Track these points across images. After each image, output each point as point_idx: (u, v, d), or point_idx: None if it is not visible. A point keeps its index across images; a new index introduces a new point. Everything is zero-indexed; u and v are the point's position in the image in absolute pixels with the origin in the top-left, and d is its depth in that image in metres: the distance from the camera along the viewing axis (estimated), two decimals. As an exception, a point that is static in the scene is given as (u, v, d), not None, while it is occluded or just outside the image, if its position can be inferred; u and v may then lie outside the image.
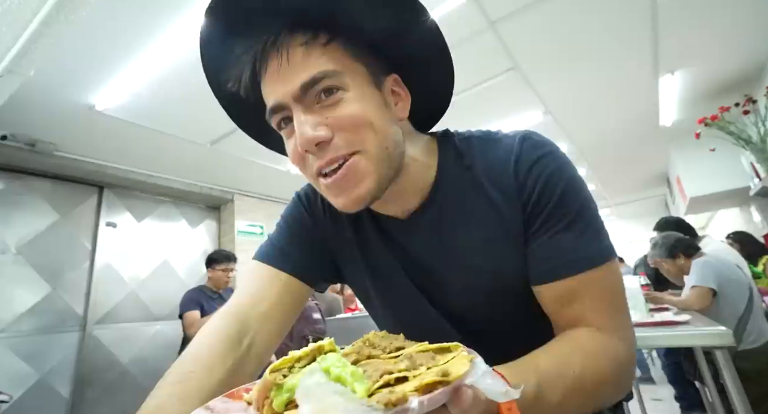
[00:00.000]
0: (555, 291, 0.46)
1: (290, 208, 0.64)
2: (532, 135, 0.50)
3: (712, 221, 5.78)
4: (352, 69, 0.44)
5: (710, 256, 2.17)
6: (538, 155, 0.48)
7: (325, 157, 0.43)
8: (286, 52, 0.42)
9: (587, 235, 0.46)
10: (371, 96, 0.45)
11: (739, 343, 1.84)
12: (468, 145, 0.53)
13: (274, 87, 0.44)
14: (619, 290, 0.47)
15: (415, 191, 0.52)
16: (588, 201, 0.47)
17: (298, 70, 0.42)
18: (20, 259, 2.74)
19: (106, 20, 1.73)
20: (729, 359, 1.30)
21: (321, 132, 0.42)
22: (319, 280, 0.60)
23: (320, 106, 0.43)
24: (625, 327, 0.46)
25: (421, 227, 0.53)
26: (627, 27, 2.27)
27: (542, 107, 3.09)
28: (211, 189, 3.82)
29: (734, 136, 2.76)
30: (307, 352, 0.29)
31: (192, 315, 2.58)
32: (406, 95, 0.50)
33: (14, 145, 2.57)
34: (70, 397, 2.77)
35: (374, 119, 0.44)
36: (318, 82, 0.42)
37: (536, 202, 0.47)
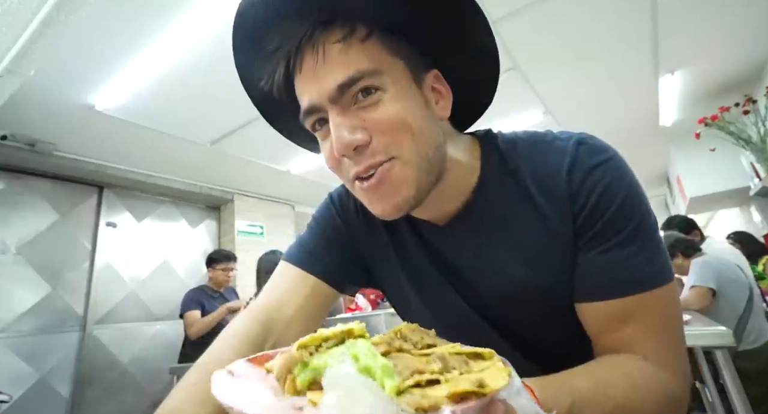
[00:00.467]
0: (601, 311, 0.42)
1: (322, 209, 0.61)
2: (588, 139, 0.46)
3: (712, 221, 5.78)
4: (391, 66, 0.41)
5: (709, 255, 2.18)
6: (596, 162, 0.44)
7: (363, 162, 0.40)
8: (322, 50, 0.40)
9: (644, 254, 0.41)
10: (411, 95, 0.42)
11: (739, 343, 1.84)
12: (513, 147, 0.49)
13: (308, 86, 0.41)
14: (674, 318, 0.43)
15: (454, 196, 0.49)
16: (648, 215, 0.43)
17: (334, 69, 0.39)
18: (20, 259, 2.74)
19: (106, 20, 1.73)
20: (729, 359, 1.30)
21: (358, 135, 0.39)
22: (348, 284, 0.58)
23: (357, 108, 0.40)
24: (679, 360, 0.42)
25: (458, 234, 0.50)
26: (627, 27, 2.27)
27: (542, 107, 3.09)
28: (211, 189, 3.82)
29: (734, 136, 2.76)
30: (336, 332, 0.28)
31: (192, 315, 2.59)
32: (448, 92, 0.47)
33: (14, 145, 2.57)
34: (70, 397, 2.77)
35: (414, 121, 0.41)
36: (356, 82, 0.39)
37: (590, 212, 0.43)
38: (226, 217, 4.06)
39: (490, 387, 0.21)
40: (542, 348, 0.49)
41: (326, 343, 0.27)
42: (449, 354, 0.26)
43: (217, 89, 2.25)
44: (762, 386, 1.73)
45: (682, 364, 0.42)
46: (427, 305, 0.55)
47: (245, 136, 2.86)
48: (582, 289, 0.44)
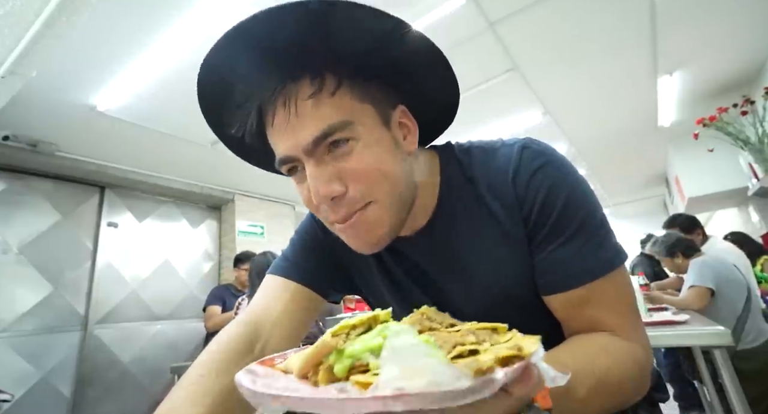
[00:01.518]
0: (563, 301, 0.46)
1: (304, 223, 0.64)
2: (530, 144, 0.49)
3: (711, 221, 5.80)
4: (361, 114, 0.43)
5: (708, 256, 2.19)
6: (537, 165, 0.47)
7: (340, 211, 0.43)
8: (294, 105, 0.41)
9: (594, 243, 0.45)
10: (381, 139, 0.44)
11: (738, 343, 1.85)
12: (469, 156, 0.52)
13: (282, 139, 0.43)
14: (630, 294, 0.47)
15: (421, 212, 0.52)
16: (593, 207, 0.47)
17: (307, 123, 0.41)
18: (22, 259, 2.74)
19: (108, 21, 1.74)
20: (728, 359, 1.31)
21: (335, 187, 0.41)
22: (330, 290, 0.60)
23: (332, 157, 0.42)
24: (640, 329, 0.46)
25: (429, 243, 0.53)
26: (626, 28, 2.28)
27: (541, 108, 3.10)
28: (212, 189, 3.82)
29: (732, 137, 2.77)
30: (363, 320, 0.28)
31: (212, 309, 2.77)
32: (414, 126, 0.50)
33: (16, 145, 2.58)
34: (71, 397, 2.77)
35: (386, 166, 0.43)
36: (328, 135, 0.41)
37: (539, 213, 0.46)
38: (226, 217, 4.07)
39: (527, 350, 0.23)
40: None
41: (354, 330, 0.28)
42: (476, 329, 0.28)
43: (218, 90, 2.25)
44: (760, 386, 1.74)
45: (642, 335, 0.46)
46: (404, 310, 0.57)
47: (246, 136, 2.87)
48: (542, 285, 0.48)
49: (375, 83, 0.46)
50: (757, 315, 1.95)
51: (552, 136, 3.53)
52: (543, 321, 0.50)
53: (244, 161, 0.58)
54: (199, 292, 3.64)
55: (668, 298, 2.18)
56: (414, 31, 0.45)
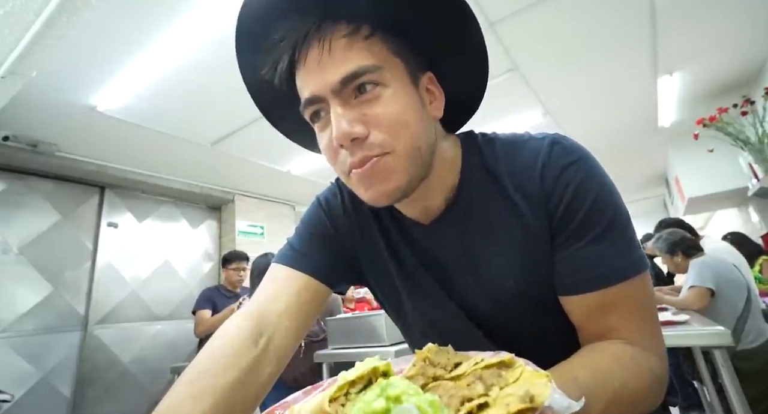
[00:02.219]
0: (585, 303, 0.45)
1: (309, 211, 0.63)
2: (561, 139, 0.48)
3: (711, 221, 5.80)
4: (391, 64, 0.43)
5: (708, 256, 2.19)
6: (568, 161, 0.46)
7: (358, 154, 0.42)
8: (329, 43, 0.41)
9: (619, 247, 0.44)
10: (409, 94, 0.44)
11: (738, 343, 1.85)
12: (492, 147, 0.51)
13: (312, 77, 0.42)
14: (650, 303, 0.45)
15: (439, 192, 0.51)
16: (620, 209, 0.45)
17: (338, 62, 0.41)
18: (22, 259, 2.75)
19: (108, 21, 1.74)
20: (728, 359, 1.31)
21: (357, 128, 0.41)
22: (338, 280, 0.59)
23: (358, 101, 0.42)
24: (658, 340, 0.45)
25: (443, 232, 0.52)
26: (626, 28, 2.28)
27: (541, 108, 3.10)
28: (212, 189, 3.83)
29: (732, 137, 2.77)
30: (362, 374, 0.27)
31: (201, 314, 2.67)
32: (440, 94, 0.49)
33: (16, 145, 2.58)
34: (71, 397, 2.78)
35: (410, 118, 0.43)
36: (358, 76, 0.41)
37: (565, 211, 0.45)
38: (226, 218, 4.07)
39: (539, 399, 0.22)
40: (528, 343, 0.50)
41: (353, 388, 0.26)
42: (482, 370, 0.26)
43: (218, 90, 2.26)
44: (760, 386, 1.73)
45: (661, 344, 0.45)
46: (415, 303, 0.57)
47: (246, 136, 2.87)
48: (562, 285, 0.46)
49: (409, 45, 0.46)
50: (757, 315, 1.95)
51: (552, 136, 3.53)
52: (557, 320, 0.49)
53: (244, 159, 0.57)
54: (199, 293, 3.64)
55: (668, 298, 2.18)
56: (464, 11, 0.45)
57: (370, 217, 0.58)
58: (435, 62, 0.49)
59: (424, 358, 0.30)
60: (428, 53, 0.48)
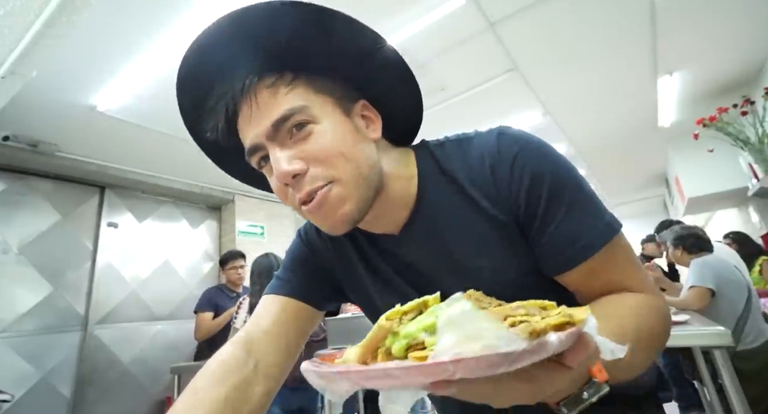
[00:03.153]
0: (574, 275, 0.47)
1: (292, 244, 0.67)
2: (505, 130, 0.51)
3: (711, 221, 5.80)
4: (318, 101, 0.46)
5: (709, 255, 2.19)
6: (515, 151, 0.48)
7: (303, 189, 0.45)
8: (254, 97, 0.45)
9: (590, 215, 0.46)
10: (341, 124, 0.47)
11: (738, 343, 1.85)
12: (443, 150, 0.54)
13: (248, 129, 0.46)
14: (632, 253, 0.49)
15: (400, 205, 0.53)
16: (578, 181, 0.48)
17: (268, 111, 0.45)
18: (22, 259, 2.75)
19: (108, 21, 1.74)
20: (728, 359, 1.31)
21: (296, 165, 0.44)
22: (321, 301, 0.62)
23: (293, 141, 0.45)
24: (650, 282, 0.49)
25: (413, 239, 0.53)
26: (626, 28, 2.28)
27: (541, 108, 3.10)
28: (212, 189, 3.83)
29: (732, 137, 2.77)
30: (413, 305, 0.29)
31: (201, 317, 2.68)
32: (377, 117, 0.52)
33: (16, 145, 2.58)
34: (71, 397, 2.78)
35: (345, 147, 0.45)
36: (288, 118, 0.44)
37: (527, 200, 0.47)
38: (226, 218, 4.07)
39: (578, 317, 0.23)
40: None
41: (405, 316, 0.28)
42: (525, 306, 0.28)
43: (219, 90, 2.26)
44: (760, 386, 1.74)
45: (653, 284, 0.49)
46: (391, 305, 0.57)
47: (246, 136, 2.87)
48: (550, 266, 0.48)
49: (336, 80, 0.49)
50: (757, 315, 1.96)
51: (552, 136, 3.54)
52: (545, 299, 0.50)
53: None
54: (199, 293, 3.59)
55: (668, 298, 2.18)
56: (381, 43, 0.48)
57: (342, 236, 0.60)
58: (365, 88, 0.52)
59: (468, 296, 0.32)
60: (356, 83, 0.51)
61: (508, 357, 0.20)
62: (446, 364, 0.20)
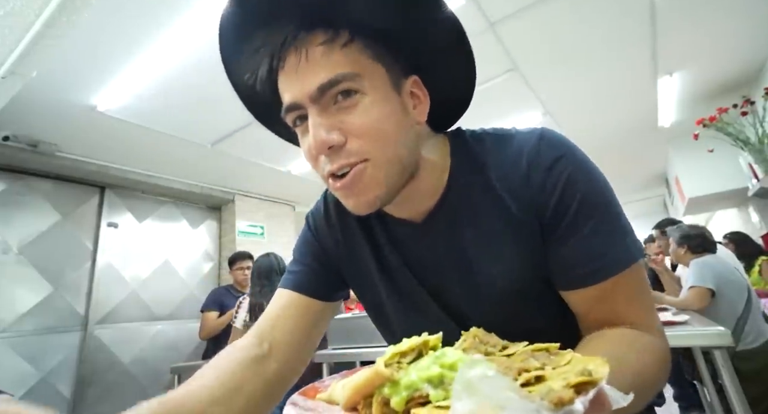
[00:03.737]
0: (586, 295, 0.45)
1: (301, 232, 0.66)
2: (547, 133, 0.48)
3: (711, 222, 5.80)
4: (371, 71, 0.43)
5: (710, 256, 2.19)
6: (555, 156, 0.45)
7: (336, 161, 0.42)
8: (305, 51, 0.41)
9: (614, 237, 0.44)
10: (389, 100, 0.44)
11: (738, 344, 1.85)
12: (481, 144, 0.51)
13: (290, 85, 0.43)
14: (646, 286, 0.47)
15: (427, 194, 0.51)
16: (611, 199, 0.46)
17: (316, 69, 0.41)
18: (22, 259, 2.75)
19: (108, 21, 1.74)
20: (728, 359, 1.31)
21: (334, 136, 0.41)
22: (327, 293, 0.61)
23: (336, 109, 0.42)
24: (656, 319, 0.46)
25: (432, 231, 0.52)
26: (626, 29, 2.28)
27: (541, 108, 3.10)
28: (212, 189, 3.83)
29: (732, 137, 2.77)
30: (413, 346, 0.27)
31: (206, 316, 2.73)
32: (425, 98, 0.49)
33: (16, 145, 2.58)
34: (71, 397, 2.78)
35: (389, 127, 0.43)
36: (336, 84, 0.41)
37: (557, 206, 0.45)
38: (226, 218, 4.07)
39: (598, 375, 0.21)
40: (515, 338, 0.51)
41: (404, 358, 0.26)
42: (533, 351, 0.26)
43: (218, 90, 2.25)
44: (760, 386, 1.74)
45: (658, 322, 0.47)
46: (397, 303, 0.57)
47: (246, 136, 2.87)
48: (562, 280, 0.47)
49: (391, 50, 0.46)
50: (757, 316, 1.96)
51: (552, 136, 3.53)
52: (548, 315, 0.49)
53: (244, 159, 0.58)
54: (199, 293, 3.64)
55: (668, 298, 2.18)
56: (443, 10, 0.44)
57: (354, 220, 0.59)
58: (420, 65, 0.49)
59: (475, 336, 0.31)
60: (412, 56, 0.48)
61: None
62: None
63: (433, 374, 0.23)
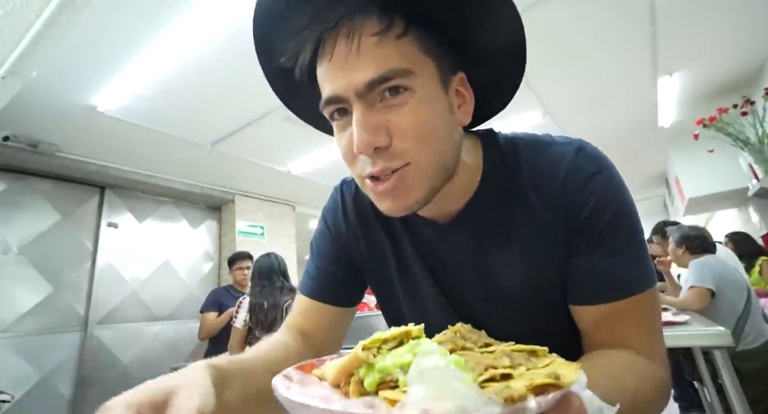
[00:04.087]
0: (595, 313, 0.45)
1: (316, 230, 0.64)
2: (586, 146, 0.47)
3: (711, 222, 5.80)
4: (422, 66, 0.40)
5: (709, 256, 2.19)
6: (592, 171, 0.45)
7: (379, 163, 0.40)
8: (358, 40, 0.38)
9: (634, 260, 0.44)
10: (437, 99, 0.41)
11: (738, 344, 1.85)
12: (514, 148, 0.50)
13: (335, 76, 0.40)
14: (658, 315, 0.46)
15: (458, 195, 0.49)
16: (637, 224, 0.46)
17: (367, 62, 0.38)
18: (22, 260, 2.75)
19: (108, 21, 1.74)
20: (728, 359, 1.31)
21: (381, 137, 0.39)
22: (353, 295, 0.61)
23: (383, 106, 0.39)
24: (662, 349, 0.46)
25: (456, 233, 0.51)
26: (626, 29, 2.28)
27: (541, 108, 3.10)
28: (212, 189, 3.82)
29: (732, 137, 2.77)
30: (395, 334, 0.28)
31: (205, 317, 2.72)
32: (470, 97, 0.47)
33: (16, 145, 2.58)
34: (71, 397, 2.78)
35: (437, 129, 0.41)
36: (387, 80, 0.38)
37: (586, 220, 0.44)
38: (226, 218, 4.07)
39: (566, 379, 0.22)
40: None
41: (386, 345, 0.27)
42: (512, 351, 0.27)
43: (219, 90, 2.25)
44: (760, 386, 1.73)
45: (664, 352, 0.46)
46: (412, 303, 0.57)
47: (246, 136, 2.87)
48: (576, 293, 0.46)
49: (442, 42, 0.43)
50: (757, 316, 1.95)
51: (552, 136, 3.53)
52: (560, 325, 0.49)
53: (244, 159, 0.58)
54: (199, 293, 3.64)
55: (668, 298, 2.18)
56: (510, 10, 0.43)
57: (373, 217, 0.57)
58: (468, 62, 0.46)
59: (456, 331, 0.32)
60: (462, 52, 0.45)
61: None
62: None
63: (405, 361, 0.25)
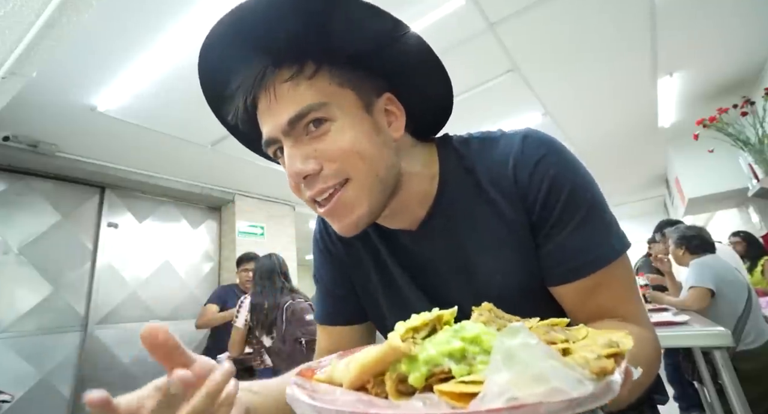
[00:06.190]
0: (573, 290, 0.47)
1: (314, 255, 0.67)
2: (531, 133, 0.50)
3: (711, 222, 5.80)
4: (339, 97, 0.45)
5: (709, 256, 2.18)
6: (539, 155, 0.47)
7: (314, 187, 0.45)
8: (273, 89, 0.44)
9: (600, 231, 0.46)
10: (361, 123, 0.45)
11: (738, 344, 1.85)
12: (467, 147, 0.53)
13: (265, 122, 0.46)
14: (633, 280, 0.48)
15: (418, 203, 0.52)
16: (597, 195, 0.47)
17: (285, 105, 0.43)
18: (22, 260, 2.74)
19: (108, 22, 1.74)
20: (728, 359, 1.31)
21: (309, 165, 0.43)
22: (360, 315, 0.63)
23: (309, 138, 0.44)
24: (644, 313, 0.47)
25: (430, 236, 0.53)
26: (626, 29, 2.28)
27: (541, 108, 3.10)
28: (212, 190, 3.82)
29: (732, 138, 2.77)
30: (426, 321, 0.26)
31: (207, 308, 2.79)
32: (401, 113, 0.50)
33: (16, 146, 2.58)
34: (71, 397, 2.77)
35: (363, 148, 0.44)
36: (304, 116, 0.43)
37: (543, 204, 0.46)
38: (226, 218, 4.07)
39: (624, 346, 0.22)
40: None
41: (417, 334, 0.25)
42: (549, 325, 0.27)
43: (219, 90, 2.25)
44: (760, 386, 1.73)
45: (646, 316, 0.48)
46: (393, 306, 0.58)
47: (246, 137, 2.87)
48: (551, 276, 0.48)
49: (360, 70, 0.47)
50: (757, 316, 1.95)
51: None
52: (547, 310, 0.50)
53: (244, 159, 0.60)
54: (200, 293, 3.64)
55: (669, 298, 2.18)
56: (403, 29, 0.46)
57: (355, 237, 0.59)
58: (393, 81, 0.50)
59: (489, 310, 0.30)
60: (384, 75, 0.49)
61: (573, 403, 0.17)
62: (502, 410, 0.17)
63: (454, 348, 0.22)
